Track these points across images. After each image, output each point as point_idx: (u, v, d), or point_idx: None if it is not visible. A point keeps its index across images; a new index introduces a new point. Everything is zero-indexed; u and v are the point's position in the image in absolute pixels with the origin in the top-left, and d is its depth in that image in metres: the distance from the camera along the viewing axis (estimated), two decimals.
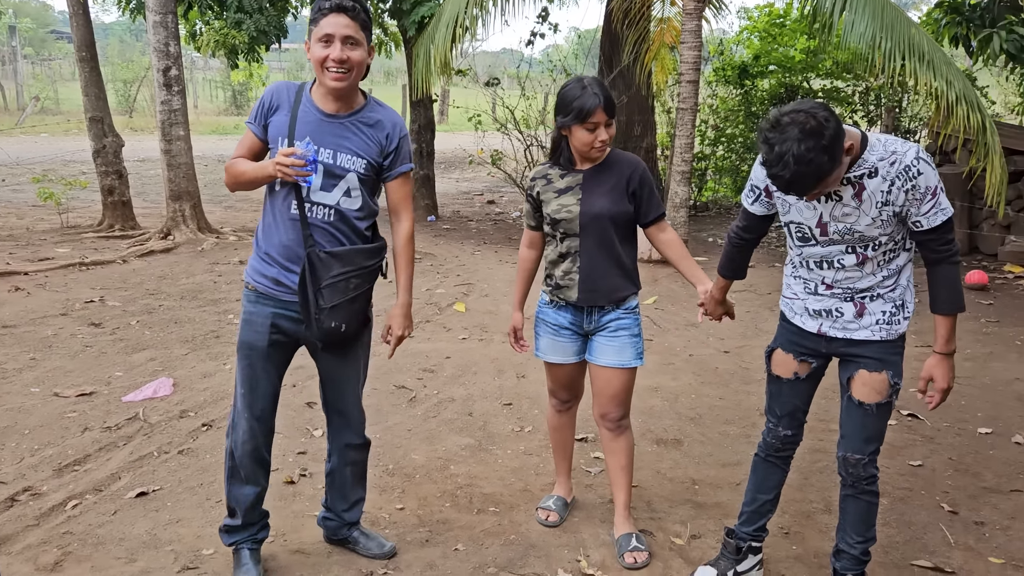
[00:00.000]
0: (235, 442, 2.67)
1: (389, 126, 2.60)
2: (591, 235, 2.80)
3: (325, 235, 2.53)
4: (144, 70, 25.76)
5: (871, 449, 2.51)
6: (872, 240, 2.35)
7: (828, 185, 2.21)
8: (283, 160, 2.36)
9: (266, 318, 2.57)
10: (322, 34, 2.42)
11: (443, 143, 12.90)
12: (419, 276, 7.19)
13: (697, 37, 7.41)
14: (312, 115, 2.51)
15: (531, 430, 3.99)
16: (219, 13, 9.63)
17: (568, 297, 2.86)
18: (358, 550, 2.90)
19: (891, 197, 2.27)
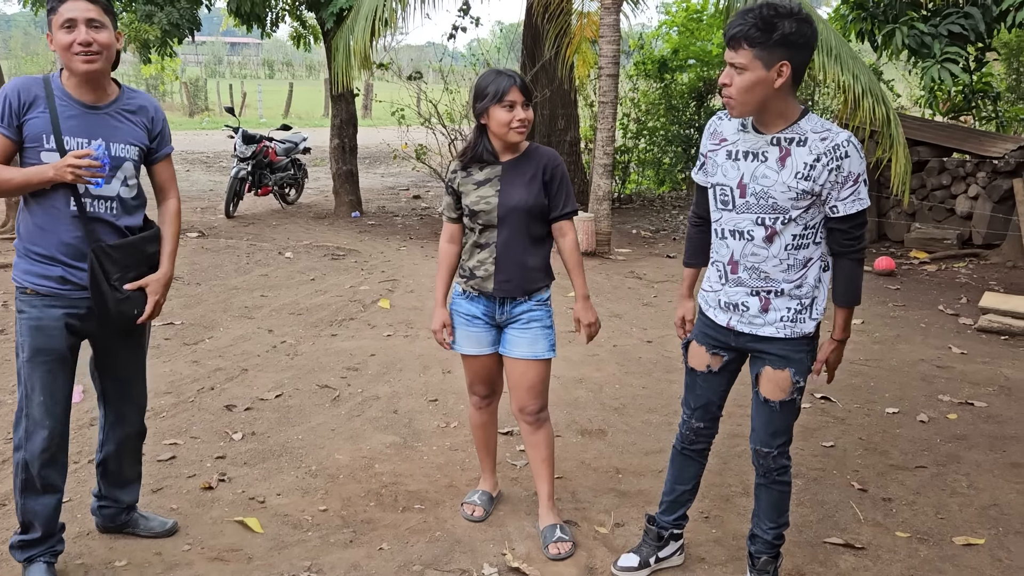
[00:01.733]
0: (30, 454, 2.56)
1: (152, 110, 2.66)
2: (508, 227, 2.81)
3: (108, 228, 2.55)
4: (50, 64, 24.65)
5: (778, 443, 2.56)
6: (783, 213, 2.33)
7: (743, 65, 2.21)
8: (77, 163, 2.36)
9: (58, 320, 2.53)
10: (63, 20, 2.40)
11: (367, 138, 12.74)
12: (343, 273, 7.10)
13: (616, 31, 7.50)
14: (73, 108, 2.49)
15: (456, 426, 3.98)
16: (128, 5, 9.28)
17: (483, 287, 2.86)
18: (139, 532, 2.94)
19: (813, 173, 2.28)
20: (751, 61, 2.21)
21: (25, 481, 2.59)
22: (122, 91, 2.61)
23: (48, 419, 2.56)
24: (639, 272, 7.37)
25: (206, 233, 8.74)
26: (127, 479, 2.91)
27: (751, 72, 2.22)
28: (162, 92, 27.03)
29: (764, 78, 2.22)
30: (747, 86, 2.23)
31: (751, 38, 2.19)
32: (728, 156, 2.42)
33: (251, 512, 3.14)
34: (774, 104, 2.29)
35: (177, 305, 5.91)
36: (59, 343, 2.55)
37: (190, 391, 4.32)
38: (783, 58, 2.20)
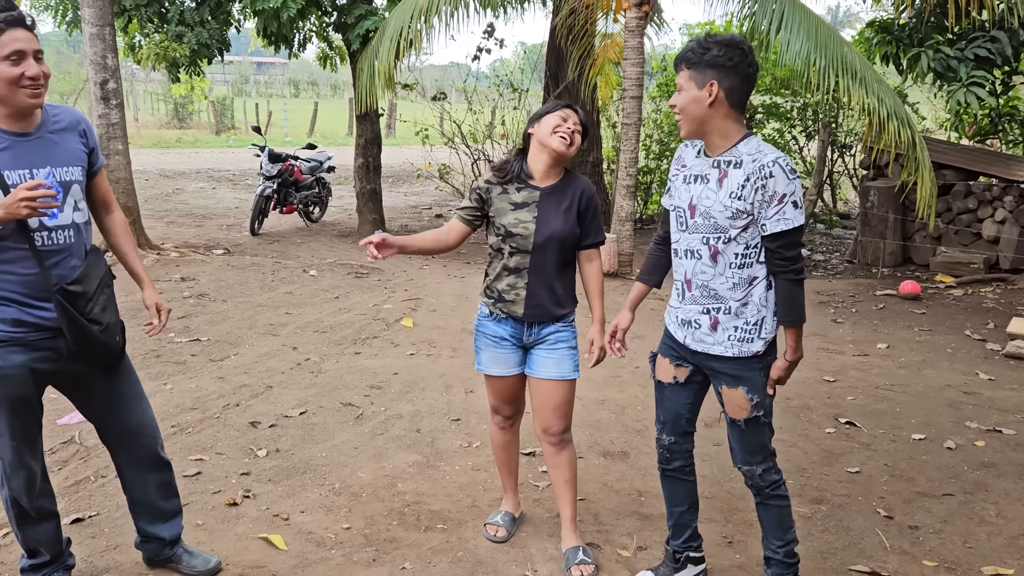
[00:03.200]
0: (16, 491, 2.54)
1: (83, 123, 2.54)
2: (542, 254, 2.84)
3: (68, 259, 2.42)
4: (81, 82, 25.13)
5: (758, 460, 2.58)
6: (723, 232, 2.42)
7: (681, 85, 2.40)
8: (30, 195, 2.21)
9: (21, 367, 2.40)
10: (9, 51, 2.24)
11: (390, 157, 12.85)
12: (366, 291, 7.15)
13: (640, 54, 7.54)
14: (5, 140, 2.34)
15: (479, 445, 3.99)
16: (159, 26, 9.47)
17: (513, 311, 2.89)
18: (182, 569, 2.85)
19: (744, 192, 2.37)
20: (687, 81, 2.40)
21: (19, 515, 2.58)
22: (44, 111, 2.44)
23: (25, 460, 2.51)
24: (661, 294, 7.35)
25: (232, 250, 8.84)
26: (164, 513, 2.82)
27: (687, 91, 2.40)
28: (191, 111, 27.47)
29: (697, 96, 2.38)
30: (684, 103, 2.41)
31: (688, 60, 2.39)
32: (684, 180, 2.54)
33: (275, 529, 3.17)
34: (713, 124, 2.41)
35: (203, 322, 5.98)
36: (26, 390, 2.44)
37: (216, 407, 4.36)
38: (712, 78, 2.36)
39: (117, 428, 2.68)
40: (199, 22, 9.39)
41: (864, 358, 5.61)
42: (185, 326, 5.85)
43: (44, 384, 2.53)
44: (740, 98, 2.40)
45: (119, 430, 2.68)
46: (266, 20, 8.52)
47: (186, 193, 13.71)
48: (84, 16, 7.89)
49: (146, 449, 2.73)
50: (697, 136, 2.46)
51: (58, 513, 2.69)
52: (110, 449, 2.74)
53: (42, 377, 2.48)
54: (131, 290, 6.75)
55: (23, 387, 2.43)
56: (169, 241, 9.13)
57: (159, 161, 17.72)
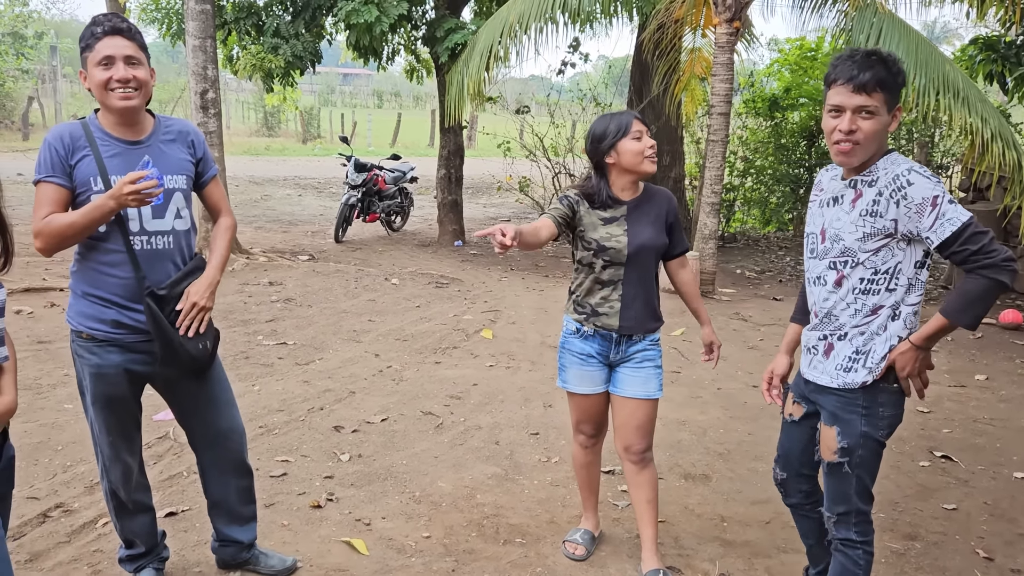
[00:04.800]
0: (114, 484, 2.64)
1: (192, 134, 2.61)
2: (635, 266, 2.84)
3: (162, 264, 2.49)
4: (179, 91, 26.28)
5: (839, 510, 2.39)
6: (852, 256, 2.26)
7: (875, 109, 2.17)
8: (133, 187, 2.28)
9: (117, 367, 2.49)
10: (101, 57, 2.36)
11: (470, 168, 12.99)
12: (446, 301, 7.22)
13: (729, 70, 7.43)
14: (115, 147, 2.44)
15: (558, 461, 3.97)
16: (256, 38, 9.82)
17: (607, 325, 2.86)
18: (260, 569, 2.90)
19: (879, 208, 2.20)
20: (882, 105, 2.18)
21: (117, 506, 2.69)
22: (157, 121, 2.55)
23: (121, 455, 2.61)
24: (744, 314, 7.21)
25: (316, 257, 9.07)
26: (242, 518, 2.87)
27: (879, 117, 2.18)
28: (280, 120, 28.39)
29: (887, 122, 2.22)
30: (876, 131, 2.19)
31: (884, 82, 2.16)
32: (819, 205, 2.41)
33: (357, 533, 3.21)
34: (879, 148, 2.25)
35: (290, 326, 6.15)
36: (121, 389, 2.52)
37: (301, 410, 4.47)
38: (897, 102, 2.23)
39: (205, 432, 2.73)
40: (294, 35, 9.70)
41: (961, 389, 5.36)
42: (272, 329, 6.02)
43: (140, 384, 2.62)
44: None
45: (207, 434, 2.74)
46: (359, 34, 8.74)
47: (274, 200, 14.14)
48: (188, 29, 8.24)
49: (232, 454, 2.78)
50: (860, 163, 2.26)
51: (154, 507, 2.80)
52: (196, 451, 2.81)
53: (137, 377, 2.57)
54: (222, 293, 7.01)
55: (119, 386, 2.53)
56: (257, 246, 9.42)
57: (249, 168, 18.34)
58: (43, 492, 3.42)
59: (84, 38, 2.41)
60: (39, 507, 3.28)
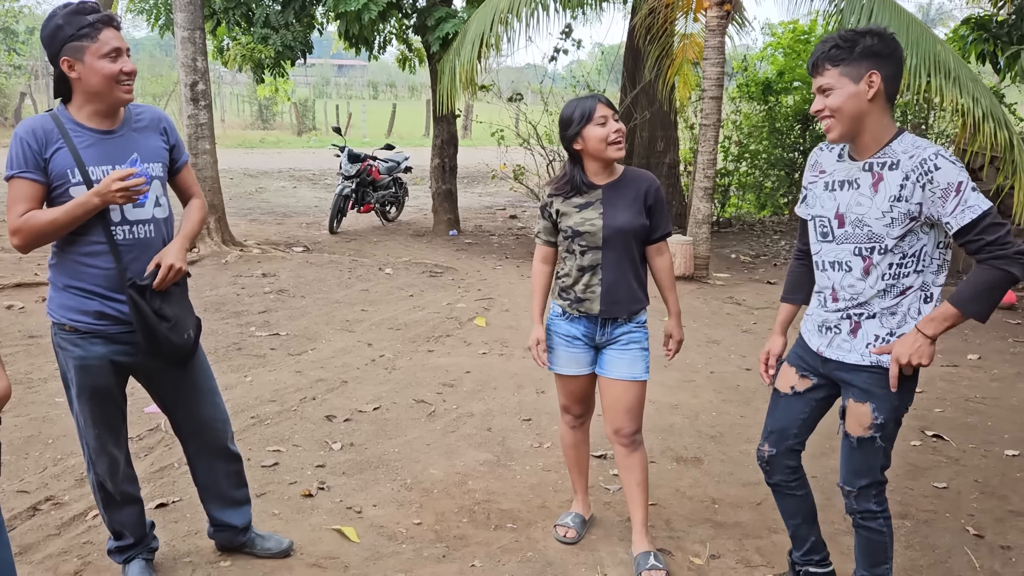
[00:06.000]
0: (101, 476, 2.64)
1: (164, 121, 2.61)
2: (613, 248, 2.82)
3: (143, 253, 2.48)
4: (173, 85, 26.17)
5: (860, 484, 2.44)
6: (879, 242, 2.25)
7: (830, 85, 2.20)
8: (123, 184, 2.30)
9: (102, 359, 2.49)
10: (109, 49, 2.34)
11: (466, 158, 12.97)
12: (440, 290, 7.22)
13: (720, 53, 7.40)
14: (88, 137, 2.42)
15: (550, 446, 3.97)
16: (246, 29, 9.77)
17: (589, 309, 2.86)
18: (256, 552, 2.91)
19: (905, 192, 2.18)
20: (838, 79, 2.20)
21: (105, 498, 2.69)
22: (127, 109, 2.52)
23: (107, 447, 2.60)
24: (738, 298, 7.21)
25: (311, 248, 9.05)
26: (234, 502, 2.88)
27: (840, 89, 2.20)
28: (274, 112, 28.30)
29: (855, 91, 2.19)
30: (840, 102, 2.20)
31: (833, 57, 2.20)
32: (826, 187, 2.38)
33: (348, 521, 3.22)
34: (870, 123, 2.23)
35: (282, 316, 6.14)
36: (106, 381, 2.52)
37: (293, 400, 4.47)
38: (871, 68, 2.18)
39: (188, 420, 2.74)
40: (284, 25, 9.66)
41: (953, 369, 5.36)
42: (265, 320, 6.02)
43: (125, 375, 2.61)
44: (895, 90, 2.22)
45: (190, 422, 2.74)
46: (348, 22, 8.70)
47: (268, 192, 14.11)
48: (176, 20, 8.20)
49: (215, 441, 2.78)
50: (849, 138, 2.27)
51: (141, 499, 2.79)
52: (181, 439, 2.81)
53: (121, 369, 2.56)
54: (215, 285, 7.00)
55: (103, 378, 2.52)
56: (251, 238, 9.40)
57: (243, 161, 18.29)
58: (33, 485, 3.42)
59: (75, 25, 2.32)
60: (29, 500, 3.28)
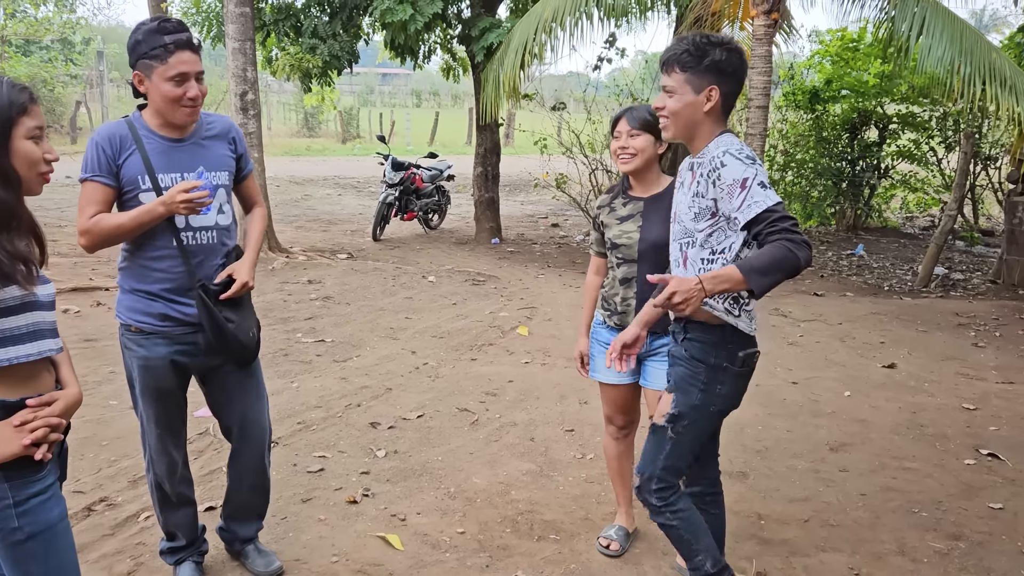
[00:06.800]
0: (159, 476, 2.71)
1: (233, 131, 2.67)
2: (647, 262, 2.83)
3: (210, 257, 2.57)
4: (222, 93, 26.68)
5: (644, 473, 2.46)
6: (691, 236, 2.35)
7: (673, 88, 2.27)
8: (187, 196, 2.37)
9: (163, 359, 2.56)
10: (175, 73, 2.39)
11: (508, 166, 12.99)
12: (483, 298, 7.24)
13: (767, 62, 7.31)
14: (160, 145, 2.50)
15: (593, 458, 3.96)
16: (295, 39, 9.94)
17: (624, 322, 2.88)
18: (246, 565, 2.92)
19: (700, 188, 2.30)
20: (682, 85, 2.27)
21: (161, 499, 2.76)
22: (200, 118, 2.60)
23: (168, 448, 2.67)
24: (784, 309, 7.10)
25: (355, 255, 9.15)
26: (248, 513, 2.92)
27: (681, 95, 2.27)
28: (320, 120, 28.70)
29: (693, 101, 2.27)
30: (678, 107, 2.28)
31: (683, 62, 2.26)
32: (676, 189, 2.50)
33: (393, 529, 3.24)
34: (702, 131, 2.32)
35: (328, 323, 6.22)
36: (168, 382, 2.60)
37: (338, 406, 4.52)
38: (712, 83, 2.25)
39: (232, 422, 2.79)
40: (331, 35, 9.80)
41: (1009, 386, 5.22)
42: (311, 327, 6.10)
43: (186, 377, 2.68)
44: (731, 104, 2.32)
45: (233, 424, 2.79)
46: (394, 32, 8.80)
47: (314, 199, 14.31)
48: (228, 32, 8.38)
49: (252, 448, 2.82)
50: (682, 140, 2.38)
51: (195, 501, 2.85)
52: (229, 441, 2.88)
53: (182, 369, 2.63)
54: (262, 291, 7.11)
55: (165, 378, 2.59)
56: (297, 245, 9.54)
57: (289, 168, 18.57)
58: (88, 486, 3.50)
59: (150, 43, 2.40)
60: (84, 500, 3.37)
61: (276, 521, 3.27)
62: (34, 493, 1.69)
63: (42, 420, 1.68)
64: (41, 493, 1.71)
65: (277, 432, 4.14)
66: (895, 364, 5.54)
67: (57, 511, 1.74)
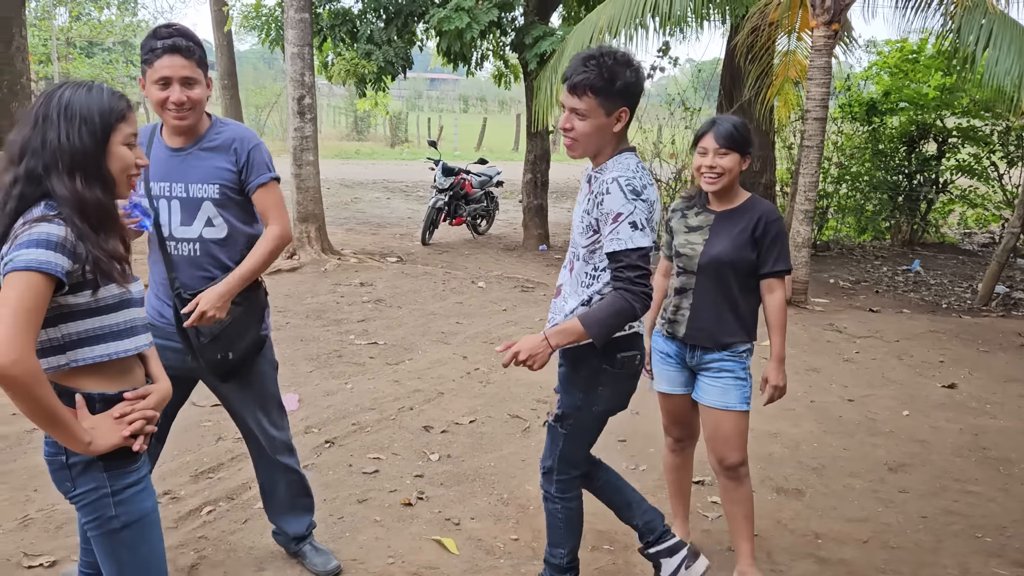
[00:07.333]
0: None
1: (236, 143, 2.56)
2: (706, 276, 2.80)
3: (191, 269, 2.56)
4: (275, 96, 27.20)
5: (544, 464, 2.67)
6: (577, 247, 2.43)
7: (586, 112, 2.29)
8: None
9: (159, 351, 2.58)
10: (158, 77, 2.40)
11: (557, 173, 13.00)
12: (532, 305, 7.26)
13: (826, 74, 7.22)
14: (163, 153, 2.55)
15: (646, 469, 3.94)
16: (350, 44, 10.09)
17: (676, 332, 2.88)
18: (306, 565, 2.94)
19: (588, 205, 2.37)
20: (594, 109, 2.29)
21: None
22: (211, 126, 2.57)
23: None
24: (839, 325, 6.99)
25: (404, 259, 9.24)
26: (291, 509, 2.94)
27: (593, 119, 2.30)
28: (370, 124, 29.08)
29: (605, 124, 2.31)
30: (590, 131, 2.32)
31: (595, 87, 2.27)
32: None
33: (447, 533, 3.26)
34: (607, 148, 2.37)
35: (380, 326, 6.29)
36: None
37: (391, 409, 4.57)
38: (623, 105, 2.31)
39: (240, 426, 2.85)
40: (386, 41, 9.92)
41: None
42: (364, 329, 6.17)
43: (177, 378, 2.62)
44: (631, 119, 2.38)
45: (242, 429, 2.86)
46: (450, 40, 8.88)
47: (363, 202, 14.48)
48: (287, 37, 8.55)
49: (259, 452, 2.87)
50: (588, 156, 2.41)
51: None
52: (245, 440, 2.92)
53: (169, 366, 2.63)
54: (315, 292, 7.22)
55: None
56: (348, 247, 9.67)
57: (339, 171, 18.82)
58: (152, 480, 3.58)
59: (144, 50, 2.44)
60: None
61: (333, 520, 3.31)
62: (130, 484, 1.76)
63: (139, 412, 1.74)
64: (136, 484, 1.77)
65: (332, 432, 4.20)
66: (955, 384, 5.42)
67: (150, 502, 1.81)
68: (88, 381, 1.74)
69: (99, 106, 1.68)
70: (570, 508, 2.67)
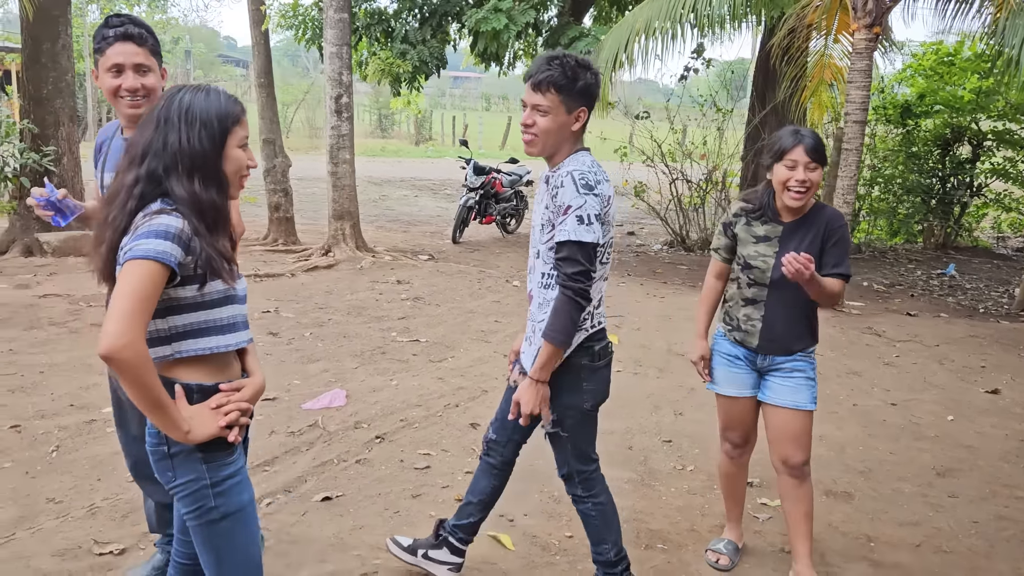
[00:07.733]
0: None
1: None
2: (779, 289, 2.80)
3: None
4: (302, 93, 27.37)
5: (561, 472, 2.74)
6: (536, 247, 2.49)
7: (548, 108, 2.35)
8: (29, 202, 2.40)
9: None
10: (110, 64, 2.38)
11: None
12: None
13: (867, 77, 7.20)
14: (119, 142, 2.52)
15: (693, 469, 3.96)
16: (385, 44, 10.18)
17: (747, 342, 2.88)
18: None
19: (547, 201, 2.42)
20: (556, 106, 2.36)
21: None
22: None
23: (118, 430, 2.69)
24: (877, 328, 6.97)
25: (436, 257, 9.30)
26: None
27: (554, 116, 2.37)
28: (394, 122, 29.22)
29: (565, 122, 2.38)
30: (551, 127, 2.38)
31: (558, 85, 2.34)
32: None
33: (501, 529, 3.31)
34: (565, 147, 2.43)
35: (421, 324, 6.35)
36: None
37: (437, 406, 4.62)
38: (583, 105, 2.39)
39: None
40: (421, 41, 10.01)
41: None
42: (405, 327, 6.23)
43: None
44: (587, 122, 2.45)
45: None
46: (486, 41, 8.94)
47: (391, 200, 14.58)
48: (326, 36, 8.62)
49: None
50: (544, 156, 2.46)
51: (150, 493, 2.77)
52: None
53: None
54: (354, 289, 7.29)
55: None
56: (380, 245, 9.74)
57: (367, 169, 18.92)
58: None
59: (96, 39, 2.44)
60: None
61: (389, 515, 3.37)
62: (228, 475, 1.81)
63: (234, 404, 1.79)
64: (234, 475, 1.82)
65: (381, 427, 4.26)
66: (999, 390, 5.39)
67: (248, 494, 1.86)
68: (188, 372, 1.80)
69: (217, 110, 1.74)
70: (600, 503, 2.72)
